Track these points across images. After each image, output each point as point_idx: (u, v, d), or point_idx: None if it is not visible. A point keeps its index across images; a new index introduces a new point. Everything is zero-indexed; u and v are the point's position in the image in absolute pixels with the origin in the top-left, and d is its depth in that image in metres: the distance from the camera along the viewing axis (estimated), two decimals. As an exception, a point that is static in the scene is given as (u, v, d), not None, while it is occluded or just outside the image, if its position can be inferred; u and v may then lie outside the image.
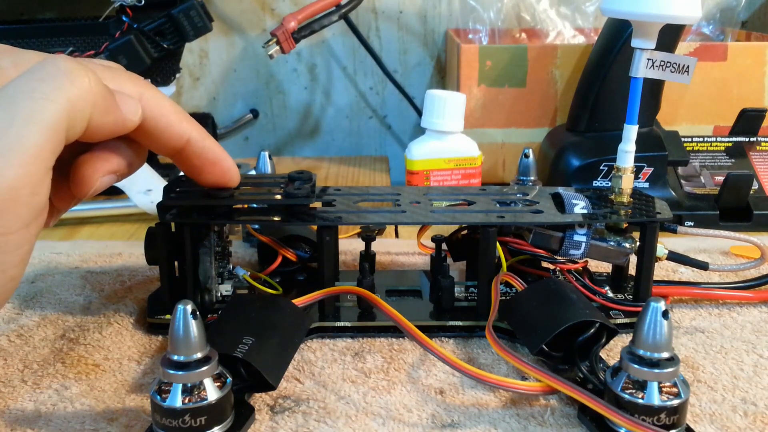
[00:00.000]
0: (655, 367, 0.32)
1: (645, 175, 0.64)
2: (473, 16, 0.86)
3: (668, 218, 0.43)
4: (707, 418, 0.35)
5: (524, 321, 0.40)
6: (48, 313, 0.46)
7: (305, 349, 0.41)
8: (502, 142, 0.75)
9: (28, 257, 0.30)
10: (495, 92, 0.73)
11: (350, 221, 0.42)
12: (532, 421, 0.35)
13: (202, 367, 0.31)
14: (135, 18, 0.64)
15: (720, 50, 0.71)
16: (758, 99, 0.73)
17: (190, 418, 0.31)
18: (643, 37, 0.42)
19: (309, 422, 0.35)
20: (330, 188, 0.47)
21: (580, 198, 0.44)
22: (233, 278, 0.45)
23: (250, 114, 0.92)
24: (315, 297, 0.41)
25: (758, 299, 0.47)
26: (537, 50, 0.73)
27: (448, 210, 0.44)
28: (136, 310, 0.46)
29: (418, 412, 0.36)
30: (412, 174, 0.59)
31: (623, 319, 0.43)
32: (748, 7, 0.90)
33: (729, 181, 0.61)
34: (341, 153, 0.95)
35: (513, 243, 0.45)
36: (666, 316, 0.32)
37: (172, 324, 0.31)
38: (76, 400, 0.37)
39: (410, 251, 0.56)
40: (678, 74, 0.42)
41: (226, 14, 0.89)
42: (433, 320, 0.43)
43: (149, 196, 0.62)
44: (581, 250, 0.43)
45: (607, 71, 0.65)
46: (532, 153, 0.52)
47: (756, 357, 0.41)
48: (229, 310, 0.39)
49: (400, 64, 0.92)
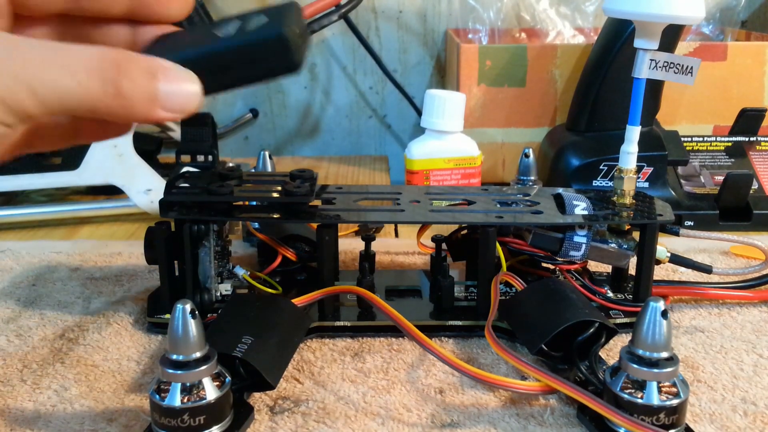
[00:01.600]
0: (655, 366, 0.32)
1: (645, 175, 0.64)
2: (473, 16, 0.86)
3: (669, 220, 0.43)
4: (707, 417, 0.35)
5: (524, 321, 0.40)
6: (47, 313, 0.46)
7: (305, 349, 0.41)
8: (502, 142, 0.75)
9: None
10: (495, 92, 0.73)
11: (350, 219, 0.42)
12: (532, 421, 0.35)
13: (201, 367, 0.31)
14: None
15: (720, 50, 0.71)
16: (758, 99, 0.73)
17: (189, 417, 0.31)
18: (646, 37, 0.42)
19: (308, 422, 0.35)
20: (331, 187, 0.47)
21: (581, 199, 0.44)
22: (233, 278, 0.45)
23: (249, 114, 0.92)
24: (314, 296, 0.41)
25: (758, 299, 0.47)
26: (537, 50, 0.73)
27: (448, 209, 0.44)
28: (135, 310, 0.46)
29: (418, 411, 0.36)
30: (411, 174, 0.59)
31: (623, 318, 0.43)
32: (748, 6, 0.90)
33: (729, 180, 0.61)
34: (341, 152, 0.95)
35: (512, 243, 0.45)
36: (665, 315, 0.32)
37: (171, 323, 0.31)
38: (76, 401, 0.37)
39: (410, 251, 0.56)
40: (681, 75, 0.42)
41: (226, 14, 0.89)
42: (432, 320, 0.43)
43: (149, 195, 0.62)
44: (581, 252, 0.43)
45: (607, 71, 0.65)
46: (532, 153, 0.51)
47: (756, 357, 0.41)
48: (229, 310, 0.39)
49: (400, 64, 0.92)
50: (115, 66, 0.32)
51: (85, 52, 0.32)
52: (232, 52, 0.36)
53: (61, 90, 0.31)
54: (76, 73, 0.31)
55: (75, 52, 0.32)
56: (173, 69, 0.34)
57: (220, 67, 0.36)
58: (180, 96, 0.34)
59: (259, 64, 0.36)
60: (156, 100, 0.33)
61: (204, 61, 0.36)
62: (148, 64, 0.34)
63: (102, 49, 0.33)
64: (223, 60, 0.36)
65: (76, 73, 0.31)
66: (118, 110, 0.33)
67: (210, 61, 0.36)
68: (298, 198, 0.41)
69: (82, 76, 0.31)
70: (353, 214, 0.43)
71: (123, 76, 0.32)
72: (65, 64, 0.31)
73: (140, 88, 0.33)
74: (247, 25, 0.37)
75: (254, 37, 0.36)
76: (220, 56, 0.36)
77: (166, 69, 0.34)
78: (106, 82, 0.32)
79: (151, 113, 0.33)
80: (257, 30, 0.36)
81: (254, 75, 0.37)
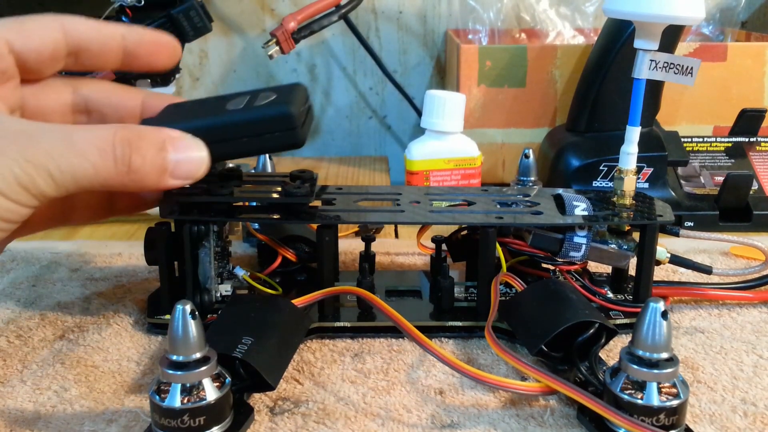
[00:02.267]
0: (655, 367, 0.32)
1: (645, 176, 0.64)
2: (473, 17, 0.86)
3: (669, 221, 0.43)
4: (707, 418, 0.35)
5: (524, 321, 0.40)
6: (47, 313, 0.46)
7: (305, 350, 0.41)
8: (502, 143, 0.75)
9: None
10: (495, 92, 0.73)
11: (350, 220, 0.42)
12: (532, 422, 0.35)
13: (201, 367, 0.31)
14: (135, 18, 0.64)
15: (720, 50, 0.71)
16: (758, 99, 0.73)
17: (189, 418, 0.31)
18: (646, 38, 0.42)
19: (308, 423, 0.35)
20: (331, 187, 0.47)
21: (581, 200, 0.44)
22: (233, 278, 0.45)
23: (249, 114, 0.92)
24: (314, 297, 0.41)
25: (758, 299, 0.47)
26: (537, 50, 0.73)
27: (448, 210, 0.44)
28: (135, 311, 0.46)
29: (418, 412, 0.36)
30: (411, 174, 0.59)
31: (623, 319, 0.43)
32: (747, 7, 0.90)
33: (729, 181, 0.61)
34: (341, 153, 0.95)
35: (512, 243, 0.45)
36: (665, 316, 0.32)
37: (171, 324, 0.31)
38: (76, 401, 0.37)
39: (410, 251, 0.56)
40: (681, 76, 0.42)
41: (226, 14, 0.89)
42: (432, 321, 0.43)
43: (149, 196, 0.62)
44: (581, 252, 0.43)
45: (607, 71, 0.65)
46: (532, 153, 0.51)
47: (756, 357, 0.41)
48: (229, 310, 0.39)
49: (400, 65, 0.92)
50: (127, 144, 0.35)
51: (98, 133, 0.35)
52: (240, 124, 0.38)
53: (76, 172, 0.33)
54: (89, 156, 0.34)
55: (88, 135, 0.34)
56: (181, 138, 0.36)
57: (228, 138, 0.38)
58: (189, 163, 0.36)
59: (265, 138, 0.38)
60: (165, 170, 0.36)
61: (213, 131, 0.38)
62: (158, 136, 0.36)
63: (114, 128, 0.35)
64: (231, 131, 0.38)
65: (90, 155, 0.34)
66: (129, 184, 0.35)
67: (218, 131, 0.38)
68: (299, 199, 0.41)
69: (95, 157, 0.34)
70: (353, 215, 0.43)
71: (134, 153, 0.35)
72: (80, 149, 0.34)
73: (150, 162, 0.35)
74: (256, 100, 0.39)
75: (261, 112, 0.38)
76: (229, 127, 0.38)
77: (174, 139, 0.36)
78: (117, 161, 0.34)
79: (161, 182, 0.36)
80: (265, 106, 0.38)
81: (259, 147, 0.39)
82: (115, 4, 0.64)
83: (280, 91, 0.40)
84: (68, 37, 0.38)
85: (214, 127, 0.38)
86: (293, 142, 0.38)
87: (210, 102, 0.42)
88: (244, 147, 0.38)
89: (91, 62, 0.40)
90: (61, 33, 0.38)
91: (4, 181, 0.32)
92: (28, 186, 0.33)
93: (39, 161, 0.33)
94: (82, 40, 0.39)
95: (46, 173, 0.33)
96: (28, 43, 0.37)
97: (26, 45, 0.37)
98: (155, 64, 0.41)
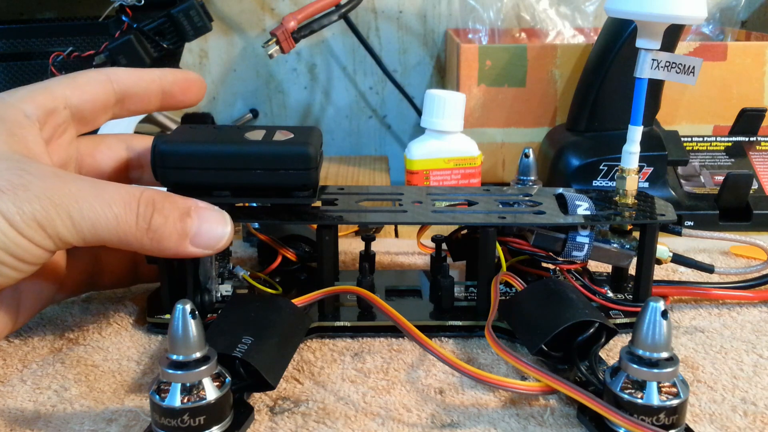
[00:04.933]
0: (654, 367, 0.32)
1: (645, 175, 0.64)
2: (473, 16, 0.86)
3: (671, 220, 0.43)
4: (707, 418, 0.35)
5: (524, 321, 0.40)
6: (47, 313, 0.46)
7: (305, 349, 0.41)
8: (502, 142, 0.75)
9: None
10: (495, 92, 0.73)
11: (351, 221, 0.42)
12: (532, 421, 0.35)
13: (201, 367, 0.31)
14: (135, 18, 0.64)
15: (720, 50, 0.71)
16: (758, 99, 0.73)
17: (189, 417, 0.31)
18: (648, 37, 0.41)
19: (308, 423, 0.35)
20: (332, 187, 0.47)
21: (583, 199, 0.44)
22: (233, 278, 0.45)
23: (249, 114, 0.92)
24: (314, 297, 0.41)
25: (758, 299, 0.47)
26: (537, 50, 0.73)
27: (449, 210, 0.44)
28: (135, 310, 0.46)
29: (418, 412, 0.36)
30: (411, 174, 0.59)
31: (623, 319, 0.43)
32: (748, 6, 0.90)
33: (729, 180, 0.61)
34: (341, 153, 0.95)
35: (513, 243, 0.45)
36: (665, 316, 0.32)
37: (171, 323, 0.31)
38: (76, 401, 0.36)
39: (410, 251, 0.56)
40: (683, 75, 0.42)
41: (226, 14, 0.89)
42: (432, 320, 0.43)
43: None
44: (584, 252, 0.43)
45: (607, 71, 0.65)
46: (532, 153, 0.51)
47: (756, 357, 0.41)
48: (229, 310, 0.39)
49: (400, 64, 0.92)
50: (151, 203, 0.35)
51: (128, 189, 0.35)
52: (259, 156, 0.39)
53: (97, 219, 0.34)
54: (114, 206, 0.34)
55: (117, 188, 0.35)
56: (207, 210, 0.37)
57: (244, 167, 0.39)
58: (210, 234, 0.37)
59: (279, 173, 0.39)
60: (186, 236, 0.36)
61: (232, 157, 0.39)
62: (184, 203, 0.37)
63: (141, 188, 0.36)
64: (249, 161, 0.39)
65: (114, 205, 0.34)
66: (147, 243, 0.35)
67: (237, 158, 0.39)
68: (301, 199, 0.41)
69: (119, 209, 0.34)
70: (355, 215, 0.43)
71: (157, 212, 0.35)
72: (105, 198, 0.34)
73: (172, 225, 0.36)
74: (273, 135, 0.40)
75: (282, 148, 0.39)
76: (247, 157, 0.39)
77: (200, 209, 0.37)
78: (139, 216, 0.35)
79: (180, 248, 0.36)
80: (286, 143, 0.39)
81: (271, 181, 0.40)
82: (115, 3, 0.64)
83: (298, 131, 0.41)
84: (115, 85, 0.41)
85: (233, 154, 0.39)
86: (305, 183, 0.40)
87: (227, 129, 0.44)
88: (258, 178, 0.39)
89: (136, 106, 0.43)
90: (108, 83, 0.41)
91: (22, 215, 0.32)
92: (45, 225, 0.33)
93: (62, 201, 0.33)
94: (128, 87, 0.42)
95: (67, 215, 0.33)
96: (83, 96, 0.40)
97: (81, 97, 0.40)
98: (187, 100, 0.44)
